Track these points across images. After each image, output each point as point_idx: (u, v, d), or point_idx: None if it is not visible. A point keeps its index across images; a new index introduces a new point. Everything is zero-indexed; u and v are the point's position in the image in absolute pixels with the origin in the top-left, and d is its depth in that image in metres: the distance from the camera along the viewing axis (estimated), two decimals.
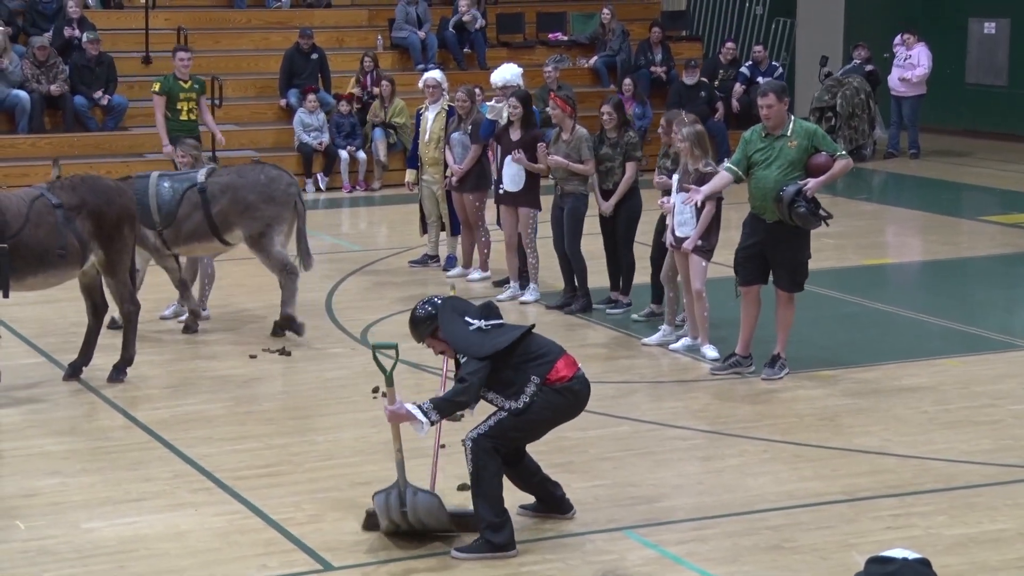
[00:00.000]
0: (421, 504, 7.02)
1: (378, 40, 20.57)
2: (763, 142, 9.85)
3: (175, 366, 10.40)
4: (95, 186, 9.73)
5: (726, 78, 20.63)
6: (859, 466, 8.28)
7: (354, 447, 8.60)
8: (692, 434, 8.90)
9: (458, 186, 12.93)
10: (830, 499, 7.74)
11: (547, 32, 21.75)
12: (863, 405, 9.48)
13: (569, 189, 11.70)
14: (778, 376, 9.96)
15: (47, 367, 10.31)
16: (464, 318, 7.01)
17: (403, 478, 7.07)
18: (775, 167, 9.72)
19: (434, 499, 7.05)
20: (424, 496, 7.05)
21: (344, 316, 11.80)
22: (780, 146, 9.76)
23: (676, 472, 8.21)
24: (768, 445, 8.66)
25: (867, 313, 12.02)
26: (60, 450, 8.58)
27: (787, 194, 9.62)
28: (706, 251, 10.48)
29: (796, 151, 9.73)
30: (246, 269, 13.63)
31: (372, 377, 9.85)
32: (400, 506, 7.03)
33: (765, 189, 9.74)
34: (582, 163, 11.57)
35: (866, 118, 20.62)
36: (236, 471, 8.16)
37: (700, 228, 10.36)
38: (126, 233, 9.78)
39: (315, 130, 18.35)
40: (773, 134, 9.81)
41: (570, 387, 7.01)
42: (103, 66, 18.12)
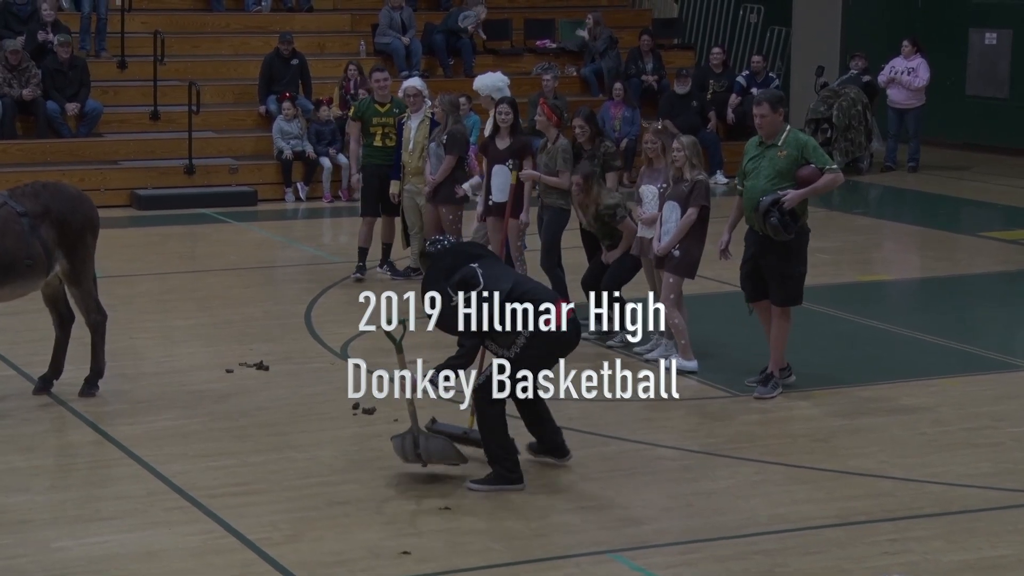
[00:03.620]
0: (433, 447, 8.17)
1: (361, 46, 20.58)
2: (756, 150, 9.94)
3: (149, 380, 10.38)
4: (58, 193, 9.69)
5: (719, 88, 20.67)
6: (854, 489, 8.29)
7: (333, 465, 8.59)
8: (682, 454, 8.91)
9: (431, 197, 12.93)
10: (824, 523, 7.75)
11: (535, 39, 21.80)
12: (859, 426, 9.49)
13: (548, 202, 11.73)
14: (771, 395, 9.99)
15: (16, 380, 10.29)
16: (448, 288, 7.95)
17: (416, 425, 8.18)
18: (763, 177, 9.79)
19: (445, 442, 8.18)
20: (436, 441, 8.20)
21: (324, 330, 11.80)
22: (771, 155, 9.83)
23: (665, 493, 8.22)
24: (760, 466, 8.67)
25: (863, 331, 12.05)
26: (28, 466, 8.56)
27: (763, 204, 9.70)
28: (685, 265, 10.49)
29: (785, 161, 9.78)
30: (222, 280, 13.64)
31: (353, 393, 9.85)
32: (415, 448, 8.17)
33: (752, 199, 9.81)
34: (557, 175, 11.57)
35: (863, 130, 20.67)
36: (211, 489, 8.15)
37: (675, 236, 10.41)
38: (89, 242, 9.75)
39: (294, 138, 18.36)
40: (766, 143, 9.89)
41: (559, 332, 7.98)
42: (76, 70, 18.08)
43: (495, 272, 8.14)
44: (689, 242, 10.47)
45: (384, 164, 13.43)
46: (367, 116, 13.49)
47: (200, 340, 11.53)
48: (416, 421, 8.23)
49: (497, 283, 8.01)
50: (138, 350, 11.20)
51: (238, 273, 14.08)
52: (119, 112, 18.70)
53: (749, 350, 10.79)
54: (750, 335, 10.76)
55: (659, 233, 10.61)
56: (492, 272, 8.11)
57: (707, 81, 20.73)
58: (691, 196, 10.37)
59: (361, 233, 13.71)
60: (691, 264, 10.55)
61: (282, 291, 13.48)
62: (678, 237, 10.43)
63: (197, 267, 14.55)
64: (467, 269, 8.08)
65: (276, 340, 11.46)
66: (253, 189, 18.11)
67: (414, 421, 8.22)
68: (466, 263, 8.12)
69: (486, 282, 8.00)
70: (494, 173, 12.16)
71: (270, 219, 17.25)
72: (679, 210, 10.45)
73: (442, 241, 8.43)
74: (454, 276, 8.05)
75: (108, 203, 17.35)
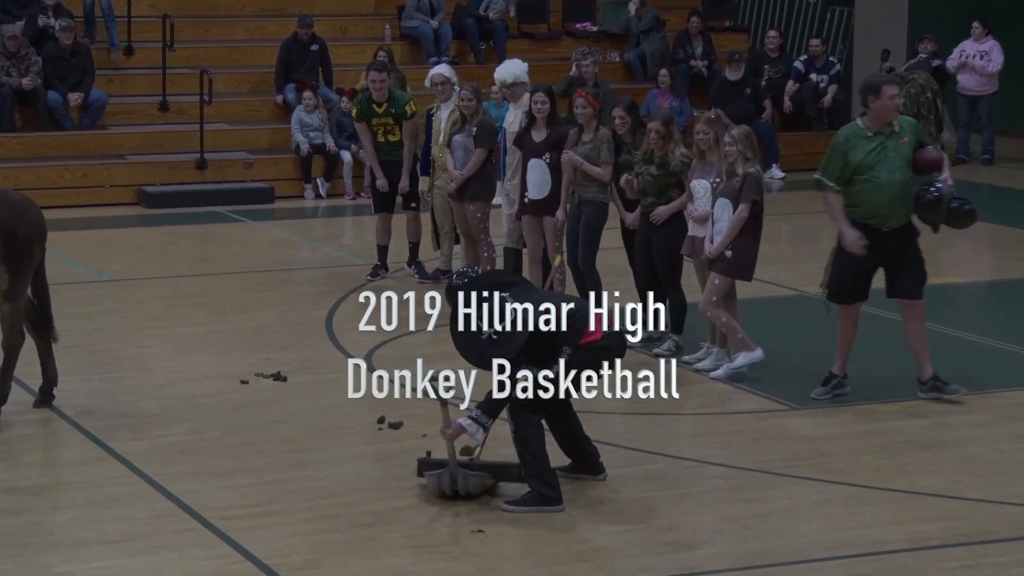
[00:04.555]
0: (473, 484, 8.27)
1: (386, 30, 20.60)
2: (872, 142, 9.83)
3: (156, 391, 10.41)
4: (3, 201, 9.62)
5: (775, 74, 20.60)
6: (925, 511, 8.25)
7: (356, 483, 8.59)
8: (735, 472, 8.88)
9: (457, 194, 12.93)
10: (893, 547, 7.71)
11: (574, 22, 21.78)
12: (930, 441, 9.44)
13: (587, 196, 11.67)
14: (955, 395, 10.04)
15: (15, 392, 10.31)
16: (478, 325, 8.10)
17: (455, 464, 8.28)
18: (897, 168, 9.78)
19: (484, 479, 8.31)
20: (475, 479, 8.28)
21: (346, 338, 11.81)
22: (893, 145, 9.80)
23: (718, 515, 8.19)
24: (822, 486, 8.63)
25: (934, 338, 11.93)
26: (28, 485, 8.59)
27: (944, 193, 9.69)
28: (739, 267, 10.42)
29: (909, 148, 9.81)
30: (236, 284, 13.67)
31: (376, 405, 9.85)
32: (452, 485, 8.25)
33: (892, 194, 9.75)
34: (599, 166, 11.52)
35: (933, 119, 20.55)
36: (224, 510, 8.16)
37: (726, 236, 10.35)
38: (35, 253, 9.68)
39: (314, 130, 18.39)
40: (883, 132, 9.79)
41: (603, 344, 8.17)
42: (79, 57, 18.16)
43: (526, 299, 8.24)
44: (742, 241, 10.42)
45: (389, 159, 13.62)
46: (367, 117, 13.72)
47: (212, 349, 11.56)
48: (455, 458, 8.31)
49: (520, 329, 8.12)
50: (145, 359, 11.24)
51: (253, 276, 14.11)
52: (125, 102, 18.78)
53: (807, 358, 10.74)
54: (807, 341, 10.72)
55: (711, 233, 10.56)
56: (522, 299, 8.22)
57: (762, 66, 20.68)
58: (742, 191, 10.32)
59: (378, 230, 13.79)
60: (746, 265, 10.49)
61: (300, 295, 13.50)
62: (730, 237, 10.38)
63: (209, 270, 14.59)
64: (512, 279, 8.41)
65: (294, 348, 11.47)
66: (269, 185, 18.17)
67: (452, 460, 8.30)
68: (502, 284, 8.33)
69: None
70: (530, 168, 12.12)
71: (288, 218, 17.30)
72: (731, 208, 10.40)
73: (468, 273, 8.58)
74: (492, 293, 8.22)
75: (113, 201, 17.51)
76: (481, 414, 8.13)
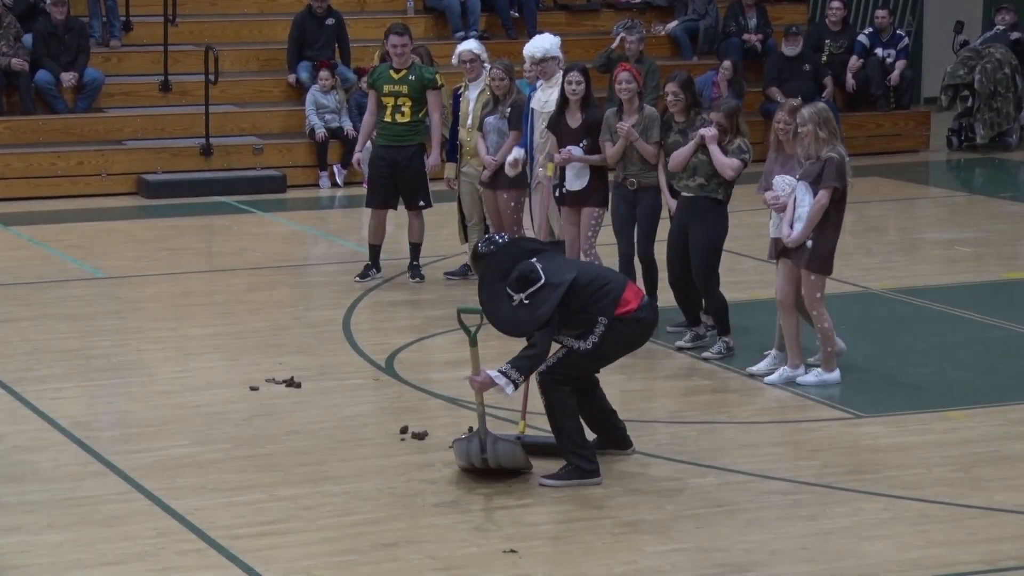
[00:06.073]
0: (501, 451, 8.66)
1: (408, 3, 20.66)
2: None
3: (159, 399, 10.47)
4: None
5: (837, 49, 20.58)
6: (1002, 529, 8.25)
7: (377, 500, 8.64)
8: (794, 487, 8.89)
9: (490, 182, 12.94)
10: (967, 569, 7.71)
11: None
12: (1007, 453, 9.44)
13: (647, 183, 11.67)
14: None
15: (6, 399, 10.40)
16: (507, 288, 8.51)
17: (484, 428, 8.69)
18: None
19: (514, 446, 8.74)
20: (504, 444, 8.69)
21: (365, 339, 11.87)
22: None
23: (774, 534, 8.21)
24: (889, 502, 8.64)
25: (1011, 339, 11.97)
26: (21, 501, 8.64)
27: None
28: (817, 260, 10.40)
29: None
30: (245, 281, 13.74)
31: (398, 414, 9.91)
32: (481, 452, 8.65)
33: None
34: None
35: (1011, 98, 20.53)
36: (233, 528, 8.21)
37: (808, 224, 10.30)
38: None
39: (331, 112, 18.45)
40: None
41: (637, 317, 8.68)
42: (72, 33, 18.19)
43: (556, 264, 8.72)
44: (819, 231, 10.37)
45: (392, 145, 13.36)
46: (379, 84, 13.42)
47: (219, 352, 11.62)
48: (484, 422, 8.72)
49: (561, 274, 8.60)
50: (147, 364, 11.31)
51: (263, 273, 14.17)
52: (123, 83, 18.85)
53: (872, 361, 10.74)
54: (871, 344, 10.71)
55: (790, 218, 10.47)
56: (552, 264, 8.69)
57: (822, 41, 20.65)
58: (822, 177, 10.26)
59: (369, 227, 13.66)
60: (822, 257, 10.43)
61: (316, 294, 13.55)
62: (811, 226, 10.32)
63: (215, 266, 14.66)
64: (525, 264, 8.63)
65: (309, 352, 11.53)
66: (281, 173, 18.23)
67: (482, 423, 8.73)
68: (524, 259, 8.62)
69: (548, 275, 8.56)
70: None
71: (301, 208, 17.35)
72: (812, 193, 10.34)
73: (495, 239, 8.96)
74: (512, 275, 8.60)
75: (111, 191, 17.59)
76: (511, 368, 8.51)
